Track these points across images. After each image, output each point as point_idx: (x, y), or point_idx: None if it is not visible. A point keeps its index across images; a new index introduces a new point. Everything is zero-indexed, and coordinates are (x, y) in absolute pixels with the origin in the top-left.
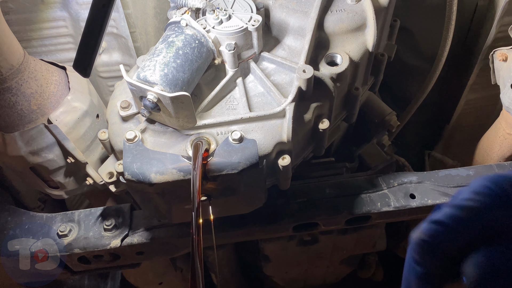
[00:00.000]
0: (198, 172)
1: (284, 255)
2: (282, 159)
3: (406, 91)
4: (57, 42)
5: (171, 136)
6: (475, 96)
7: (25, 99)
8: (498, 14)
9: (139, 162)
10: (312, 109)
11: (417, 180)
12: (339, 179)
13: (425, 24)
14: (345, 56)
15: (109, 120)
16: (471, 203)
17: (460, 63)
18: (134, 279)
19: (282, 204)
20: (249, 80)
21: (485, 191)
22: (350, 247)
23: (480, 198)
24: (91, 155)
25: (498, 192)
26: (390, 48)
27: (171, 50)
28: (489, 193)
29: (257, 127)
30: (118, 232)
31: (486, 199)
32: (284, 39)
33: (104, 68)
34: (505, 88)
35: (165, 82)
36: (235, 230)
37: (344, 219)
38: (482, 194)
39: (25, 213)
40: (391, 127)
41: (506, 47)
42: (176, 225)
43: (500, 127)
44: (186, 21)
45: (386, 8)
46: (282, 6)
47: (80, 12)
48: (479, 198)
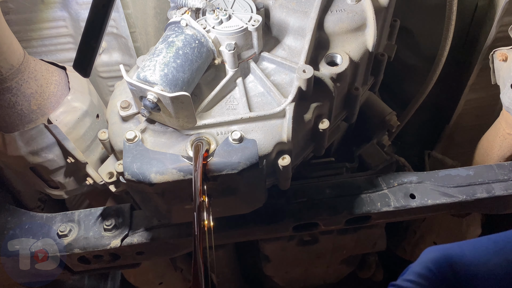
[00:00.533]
0: (199, 173)
1: (284, 255)
2: (282, 159)
3: (406, 91)
4: (57, 42)
5: (171, 136)
6: (475, 96)
7: (25, 99)
8: (498, 14)
9: (139, 162)
10: (312, 109)
11: (417, 180)
12: (339, 179)
13: (425, 24)
14: (345, 56)
15: (109, 120)
16: (415, 286)
17: (460, 63)
18: (134, 279)
19: (282, 204)
20: (249, 80)
21: (427, 274)
22: (350, 247)
23: (422, 281)
24: (91, 155)
25: (438, 276)
26: (390, 48)
27: (171, 50)
28: (431, 276)
29: (257, 127)
30: (118, 232)
31: (427, 283)
32: (284, 39)
33: (104, 68)
34: (505, 88)
35: (165, 82)
36: (235, 230)
37: (344, 219)
38: (424, 277)
39: (25, 213)
40: (391, 127)
41: (506, 47)
42: (176, 225)
43: (500, 127)
44: (186, 21)
45: (386, 8)
46: (282, 6)
47: (80, 12)
48: (422, 281)
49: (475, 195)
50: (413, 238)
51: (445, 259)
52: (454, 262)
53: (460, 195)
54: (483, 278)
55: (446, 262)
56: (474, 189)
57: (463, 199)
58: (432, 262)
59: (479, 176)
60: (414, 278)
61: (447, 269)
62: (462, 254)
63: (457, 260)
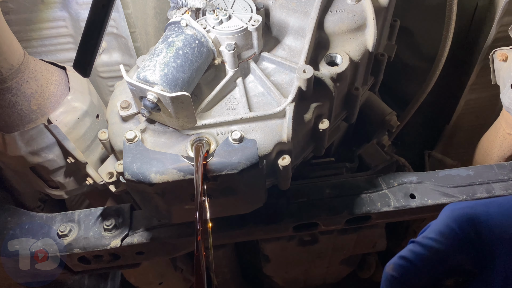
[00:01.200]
0: (200, 174)
1: (284, 255)
2: (282, 159)
3: (406, 91)
4: (57, 42)
5: (171, 136)
6: (475, 96)
7: (25, 99)
8: (498, 14)
9: (139, 162)
10: (312, 109)
11: (417, 180)
12: (339, 179)
13: (425, 24)
14: (345, 56)
15: (109, 120)
16: (436, 244)
17: (460, 63)
18: (134, 279)
19: (282, 204)
20: (249, 80)
21: (449, 233)
22: (350, 247)
23: (443, 240)
24: (91, 155)
25: (460, 235)
26: (390, 48)
27: (171, 50)
28: (452, 236)
29: (257, 127)
30: (118, 232)
31: (448, 242)
32: (284, 39)
33: (104, 68)
34: (505, 88)
35: (165, 82)
36: (235, 230)
37: (344, 219)
38: (446, 236)
39: (25, 213)
40: (391, 127)
41: (506, 47)
42: (176, 225)
43: (500, 127)
44: (186, 21)
45: (386, 8)
46: (282, 6)
47: (80, 12)
48: (443, 240)
49: (475, 195)
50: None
51: (468, 218)
52: (478, 222)
53: (460, 195)
54: (509, 240)
55: (469, 222)
56: (474, 189)
57: (463, 199)
58: (455, 221)
59: (479, 176)
60: (435, 236)
61: (470, 229)
62: (487, 214)
63: (481, 220)
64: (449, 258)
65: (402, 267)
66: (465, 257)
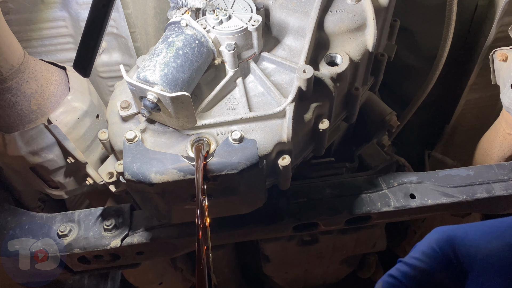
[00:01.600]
0: (200, 175)
1: (284, 255)
2: (282, 159)
3: (406, 91)
4: (57, 42)
5: (171, 136)
6: (475, 96)
7: (25, 99)
8: (498, 14)
9: (139, 162)
10: (312, 109)
11: (417, 180)
12: (339, 179)
13: (425, 24)
14: (345, 56)
15: (109, 120)
16: (420, 263)
17: (460, 63)
18: (134, 279)
19: (282, 204)
20: (249, 80)
21: (431, 253)
22: (350, 247)
23: (426, 260)
24: (91, 155)
25: (441, 255)
26: (390, 48)
27: (171, 50)
28: (434, 256)
29: (257, 127)
30: (118, 232)
31: (431, 261)
32: (284, 39)
33: (104, 68)
34: (505, 88)
35: (165, 82)
36: (235, 230)
37: (344, 219)
38: (428, 256)
39: (25, 213)
40: (391, 127)
41: (506, 47)
42: (176, 225)
43: (500, 127)
44: (186, 21)
45: (386, 8)
46: (282, 6)
47: (80, 12)
48: (426, 259)
49: (475, 195)
50: (413, 238)
51: (448, 240)
52: (456, 243)
53: (460, 195)
54: (483, 259)
55: (448, 243)
56: (474, 189)
57: (463, 199)
58: (436, 242)
59: (479, 176)
60: (419, 256)
61: (449, 249)
62: (464, 236)
63: (459, 241)
64: (432, 276)
65: (390, 285)
66: (446, 275)
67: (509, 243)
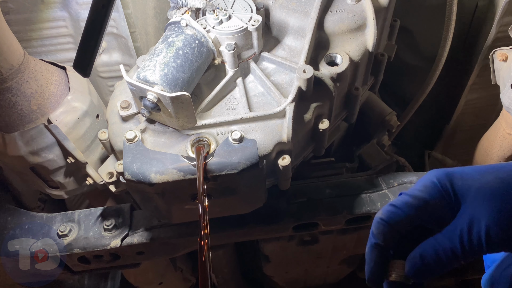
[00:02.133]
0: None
1: (284, 255)
2: (282, 159)
3: (406, 91)
4: (57, 42)
5: (171, 136)
6: (475, 96)
7: (25, 99)
8: (498, 14)
9: (139, 162)
10: (312, 109)
11: (417, 180)
12: (339, 179)
13: (425, 24)
14: (345, 56)
15: (109, 120)
16: (419, 193)
17: (460, 63)
18: (134, 279)
19: (282, 204)
20: (249, 80)
21: (430, 185)
22: (350, 247)
23: (425, 189)
24: (91, 155)
25: (438, 185)
26: (390, 48)
27: (171, 50)
28: (432, 186)
29: (257, 127)
30: (118, 232)
31: (429, 191)
32: (284, 39)
33: (104, 68)
34: (505, 88)
35: (165, 82)
36: (235, 230)
37: (344, 219)
38: (427, 187)
39: (25, 213)
40: (391, 127)
41: (506, 47)
42: (176, 225)
43: (500, 127)
44: (186, 21)
45: (386, 8)
46: (282, 6)
47: (80, 12)
48: (425, 189)
49: None
50: None
51: (446, 174)
52: (454, 176)
53: None
54: (475, 190)
55: (447, 176)
56: None
57: None
58: (435, 176)
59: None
60: (419, 187)
61: (446, 181)
62: (461, 172)
63: (457, 175)
64: (429, 204)
65: (390, 212)
66: (442, 203)
67: (501, 178)
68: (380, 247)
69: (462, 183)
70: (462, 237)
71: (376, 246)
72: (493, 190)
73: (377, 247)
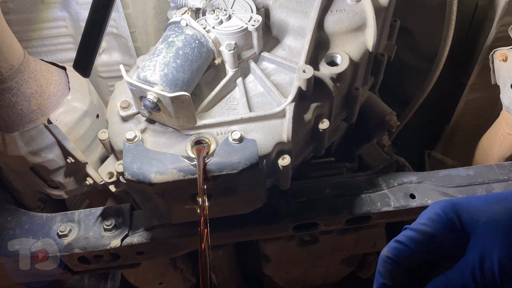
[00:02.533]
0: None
1: (284, 255)
2: (282, 159)
3: (406, 91)
4: (57, 42)
5: (171, 136)
6: (475, 96)
7: (25, 99)
8: (498, 14)
9: (139, 162)
10: (312, 109)
11: (417, 180)
12: (339, 179)
13: (425, 24)
14: (345, 56)
15: (109, 120)
16: (425, 228)
17: (460, 63)
18: (134, 279)
19: (282, 204)
20: (249, 80)
21: (436, 218)
22: (350, 247)
23: (431, 224)
24: (91, 155)
25: (445, 219)
26: (390, 48)
27: (171, 50)
28: (439, 220)
29: (257, 127)
30: (118, 232)
31: (436, 225)
32: (284, 39)
33: (104, 68)
34: (505, 88)
35: (165, 82)
36: (235, 230)
37: (344, 219)
38: (433, 221)
39: (25, 213)
40: (391, 127)
41: (506, 47)
42: (176, 225)
43: (500, 127)
44: (186, 21)
45: (386, 8)
46: (282, 6)
47: (80, 12)
48: (431, 224)
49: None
50: None
51: (452, 206)
52: (460, 208)
53: (460, 195)
54: (484, 223)
55: (453, 208)
56: (474, 189)
57: None
58: (441, 209)
59: (479, 176)
60: (425, 221)
61: (453, 214)
62: (468, 203)
63: (463, 207)
64: (436, 240)
65: (397, 249)
66: (450, 238)
67: (509, 208)
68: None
69: (469, 215)
70: (474, 272)
71: (384, 287)
72: (503, 222)
73: (385, 287)
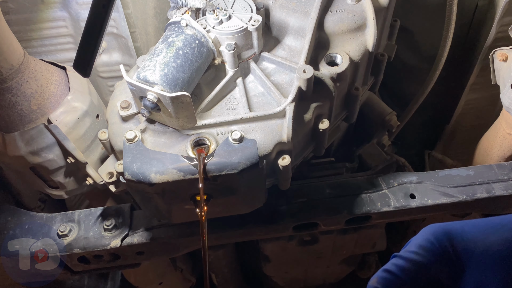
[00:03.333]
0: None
1: (284, 255)
2: (282, 159)
3: (406, 91)
4: (57, 42)
5: (171, 136)
6: (475, 96)
7: (25, 99)
8: (498, 14)
9: (139, 162)
10: (312, 109)
11: (417, 180)
12: (339, 179)
13: (425, 24)
14: (345, 56)
15: (109, 120)
16: (416, 257)
17: (460, 63)
18: (134, 279)
19: (282, 204)
20: (249, 80)
21: (428, 246)
22: (350, 247)
23: (423, 253)
24: (91, 155)
25: (438, 248)
26: (390, 48)
27: (171, 50)
28: (431, 249)
29: (257, 127)
30: (118, 232)
31: (427, 254)
32: (284, 39)
33: (104, 68)
34: (505, 88)
35: (165, 82)
36: (235, 230)
37: (344, 219)
38: (425, 249)
39: (25, 213)
40: (391, 127)
41: (506, 47)
42: (176, 225)
43: (500, 127)
44: (186, 21)
45: (386, 8)
46: (282, 6)
47: (80, 12)
48: (423, 252)
49: (475, 195)
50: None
51: (445, 234)
52: (454, 237)
53: (460, 195)
54: (480, 254)
55: (446, 236)
56: (474, 189)
57: (463, 199)
58: (433, 235)
59: (479, 176)
60: (415, 249)
61: (446, 242)
62: (461, 230)
63: (456, 235)
64: (428, 270)
65: (386, 279)
66: (443, 269)
67: (506, 238)
68: None
69: (464, 244)
70: None
71: None
72: (499, 253)
73: None
